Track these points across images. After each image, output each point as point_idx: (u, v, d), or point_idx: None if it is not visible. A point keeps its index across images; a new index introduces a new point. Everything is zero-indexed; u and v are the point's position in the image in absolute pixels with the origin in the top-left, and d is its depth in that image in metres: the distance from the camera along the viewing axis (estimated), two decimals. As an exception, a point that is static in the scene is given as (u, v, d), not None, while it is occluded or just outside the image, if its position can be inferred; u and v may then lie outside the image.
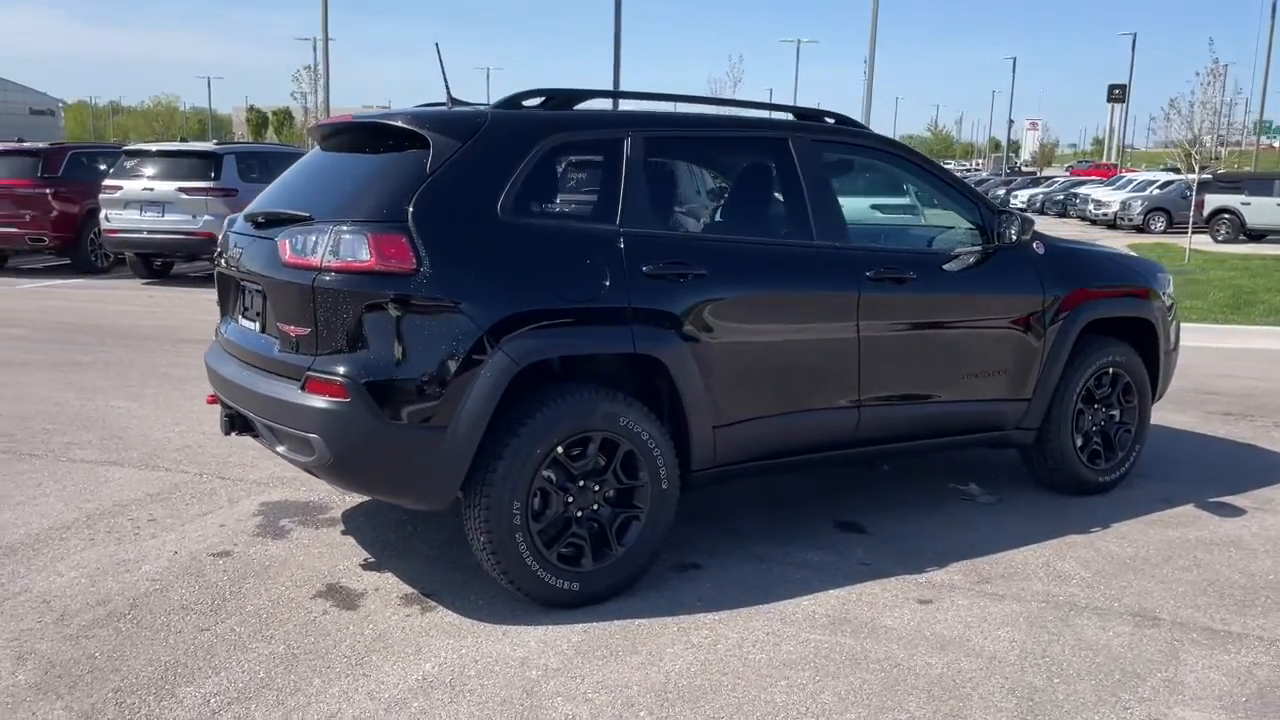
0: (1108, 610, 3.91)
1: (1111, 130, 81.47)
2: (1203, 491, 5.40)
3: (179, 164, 13.75)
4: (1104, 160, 77.47)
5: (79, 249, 14.63)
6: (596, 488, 3.84)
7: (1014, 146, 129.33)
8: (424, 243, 3.52)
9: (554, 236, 3.76)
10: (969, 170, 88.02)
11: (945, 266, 4.72)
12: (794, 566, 4.29)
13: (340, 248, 3.51)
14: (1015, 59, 70.61)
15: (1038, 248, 5.01)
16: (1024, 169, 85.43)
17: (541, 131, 3.85)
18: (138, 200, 13.52)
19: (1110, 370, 5.27)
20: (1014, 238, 4.76)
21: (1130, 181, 34.64)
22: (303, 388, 3.59)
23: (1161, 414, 7.01)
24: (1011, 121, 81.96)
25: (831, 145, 4.66)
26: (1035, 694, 3.28)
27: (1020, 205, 44.84)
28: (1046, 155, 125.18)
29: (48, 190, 14.39)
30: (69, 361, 8.46)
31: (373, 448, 3.55)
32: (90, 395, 7.19)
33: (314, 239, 3.57)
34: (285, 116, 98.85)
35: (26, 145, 15.32)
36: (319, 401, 3.54)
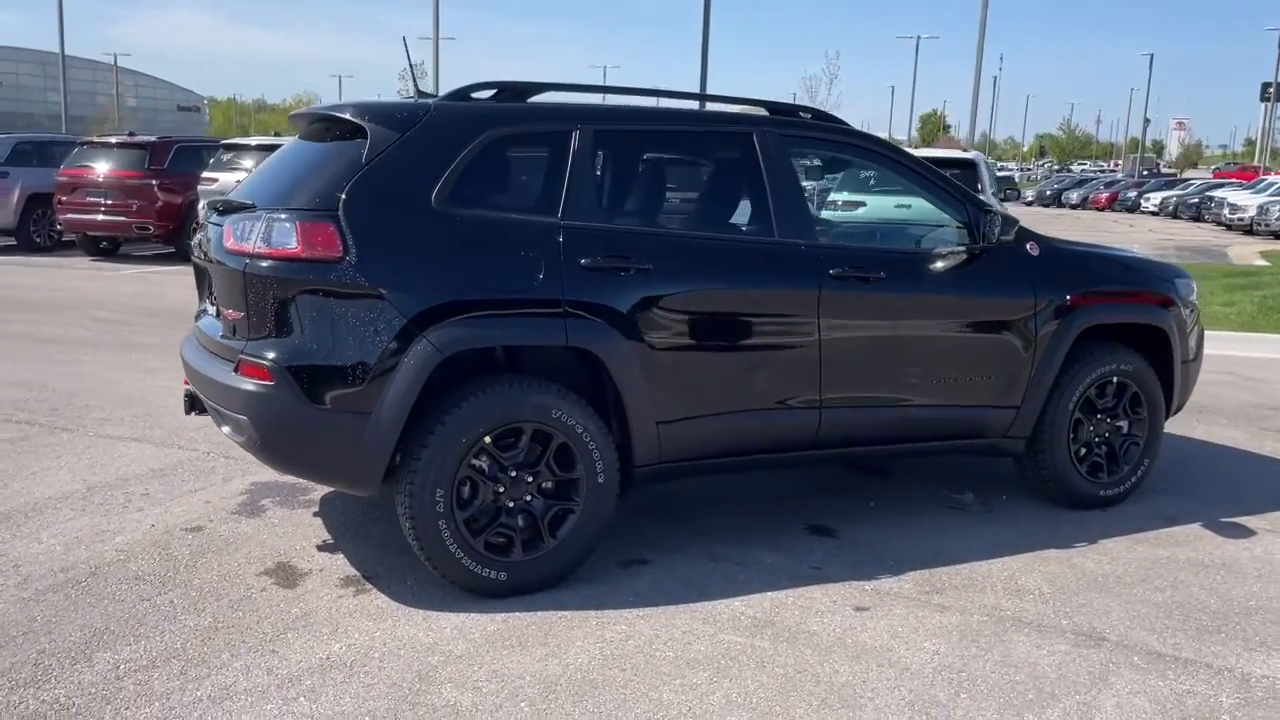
0: (1052, 628, 3.74)
1: (1264, 131, 77.27)
2: (1217, 511, 5.11)
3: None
4: (1255, 163, 73.57)
5: (181, 238, 15.34)
6: (530, 479, 3.85)
7: (1157, 147, 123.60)
8: (352, 231, 3.60)
9: (488, 228, 3.78)
10: (1103, 171, 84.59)
11: (925, 267, 4.58)
12: (744, 567, 4.23)
13: (272, 235, 3.61)
14: (1152, 55, 67.37)
15: (1031, 249, 4.81)
16: (1164, 170, 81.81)
17: (483, 124, 3.89)
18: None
19: (1115, 380, 5.03)
20: (994, 238, 4.58)
21: (1271, 185, 32.83)
22: (235, 370, 3.71)
23: (1211, 428, 6.68)
24: (1148, 120, 78.44)
25: (802, 141, 4.57)
26: (933, 709, 3.16)
27: (1152, 209, 42.96)
28: (1191, 156, 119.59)
29: (154, 181, 15.13)
30: (136, 343, 8.89)
31: (297, 431, 3.64)
32: (142, 375, 7.54)
33: (251, 226, 3.68)
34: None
35: (136, 138, 16.11)
36: (248, 384, 3.65)
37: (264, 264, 3.62)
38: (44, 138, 18.62)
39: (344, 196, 3.64)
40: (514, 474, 3.83)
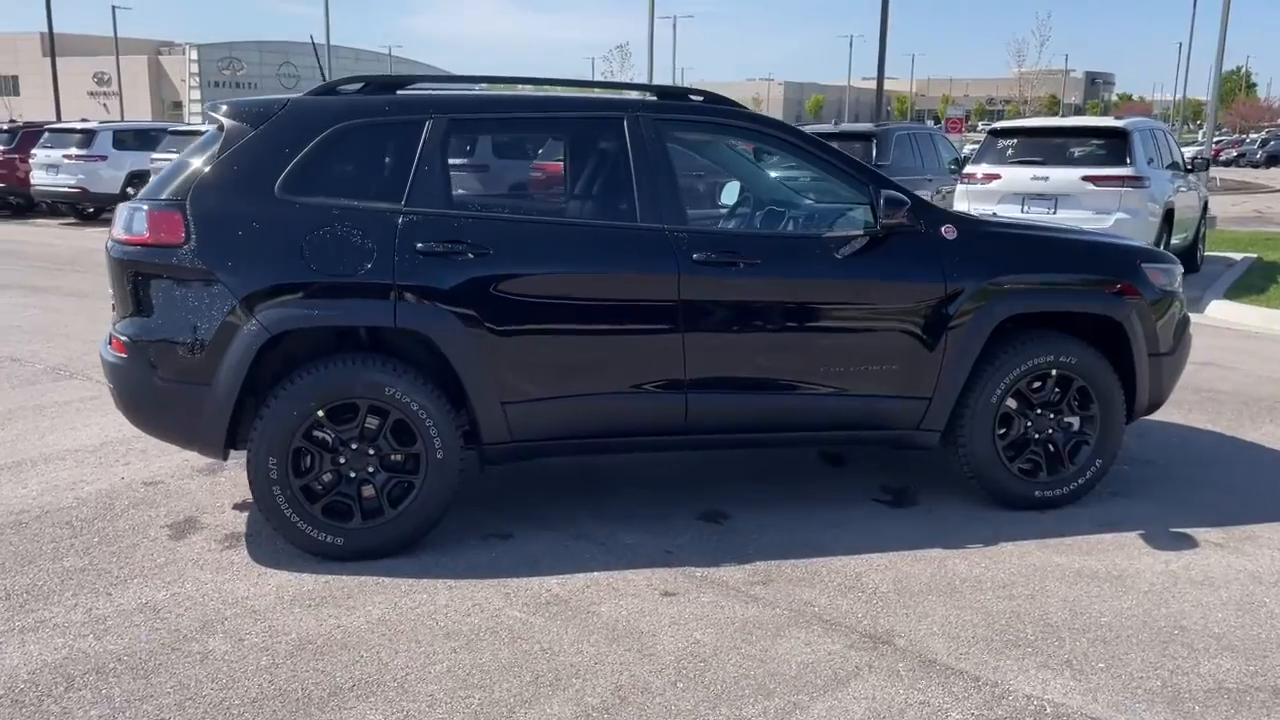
0: (843, 628, 3.61)
1: None
2: (1176, 519, 4.67)
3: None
4: None
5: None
6: (371, 452, 4.11)
7: None
8: (196, 219, 3.96)
9: (327, 214, 4.04)
10: None
11: (814, 251, 4.45)
12: (599, 546, 4.31)
13: (131, 223, 4.04)
14: None
15: (947, 232, 4.55)
16: None
17: (332, 117, 4.15)
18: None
19: (1054, 372, 4.67)
20: (879, 222, 4.37)
21: None
22: (108, 343, 4.17)
23: (1234, 425, 6.03)
24: None
25: (684, 125, 4.54)
26: (639, 694, 3.18)
27: None
28: None
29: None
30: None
31: (149, 399, 4.07)
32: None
33: (123, 215, 4.12)
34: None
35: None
36: (111, 356, 4.10)
37: (123, 249, 4.05)
38: (141, 126, 22.22)
39: (194, 187, 4.01)
40: (354, 447, 4.08)
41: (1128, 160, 10.77)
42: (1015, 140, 11.45)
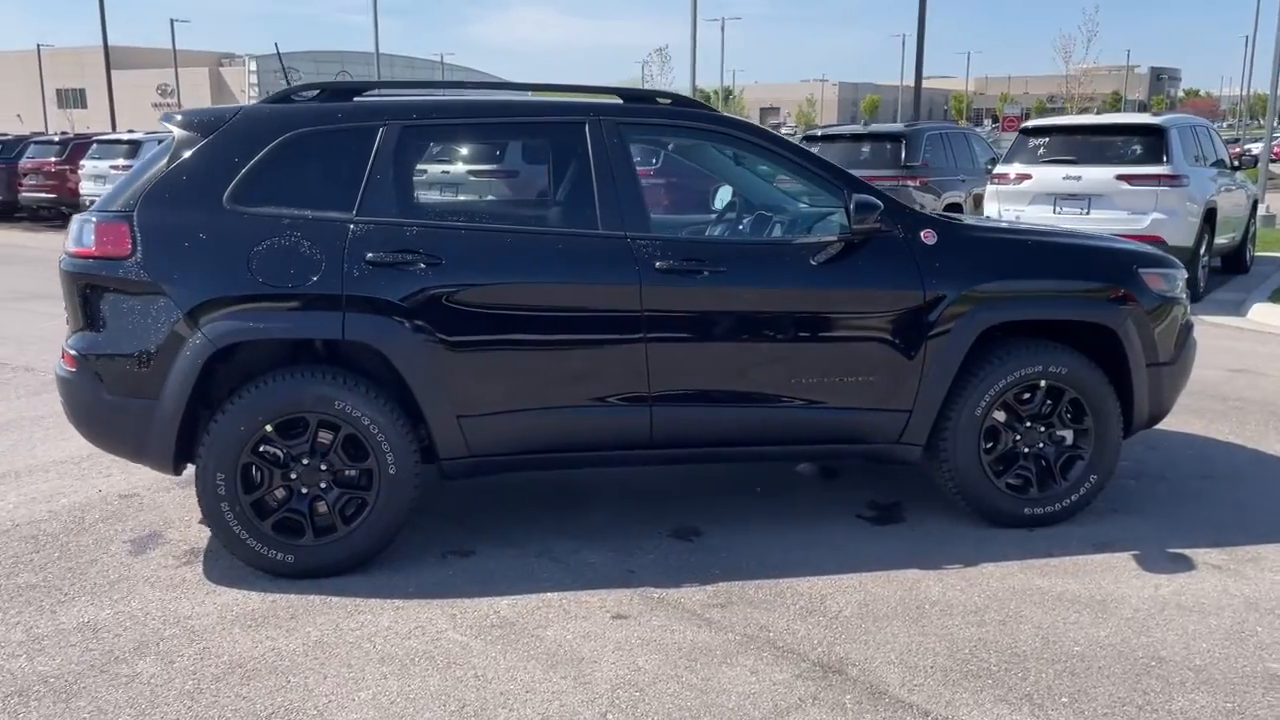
0: (796, 655, 3.43)
1: None
2: (1176, 540, 4.41)
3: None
4: None
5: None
6: (323, 468, 4.01)
7: None
8: (143, 231, 3.89)
9: (277, 224, 3.95)
10: None
11: (785, 258, 4.27)
12: (560, 565, 4.17)
13: (81, 235, 3.98)
14: None
15: (926, 236, 4.35)
16: None
17: (283, 126, 4.06)
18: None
19: (1043, 383, 4.44)
20: (850, 227, 4.18)
21: None
22: (62, 358, 4.12)
23: (1258, 437, 5.73)
24: None
25: (649, 129, 4.39)
26: (561, 728, 3.03)
27: None
28: None
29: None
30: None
31: (98, 413, 4.00)
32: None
33: (74, 227, 4.07)
34: (725, 95, 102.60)
35: None
36: (62, 371, 4.05)
37: (72, 261, 3.99)
38: None
39: (142, 199, 3.94)
40: (305, 462, 3.99)
41: (1165, 158, 10.38)
42: (1047, 139, 11.11)
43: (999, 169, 11.39)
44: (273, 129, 4.05)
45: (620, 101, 4.42)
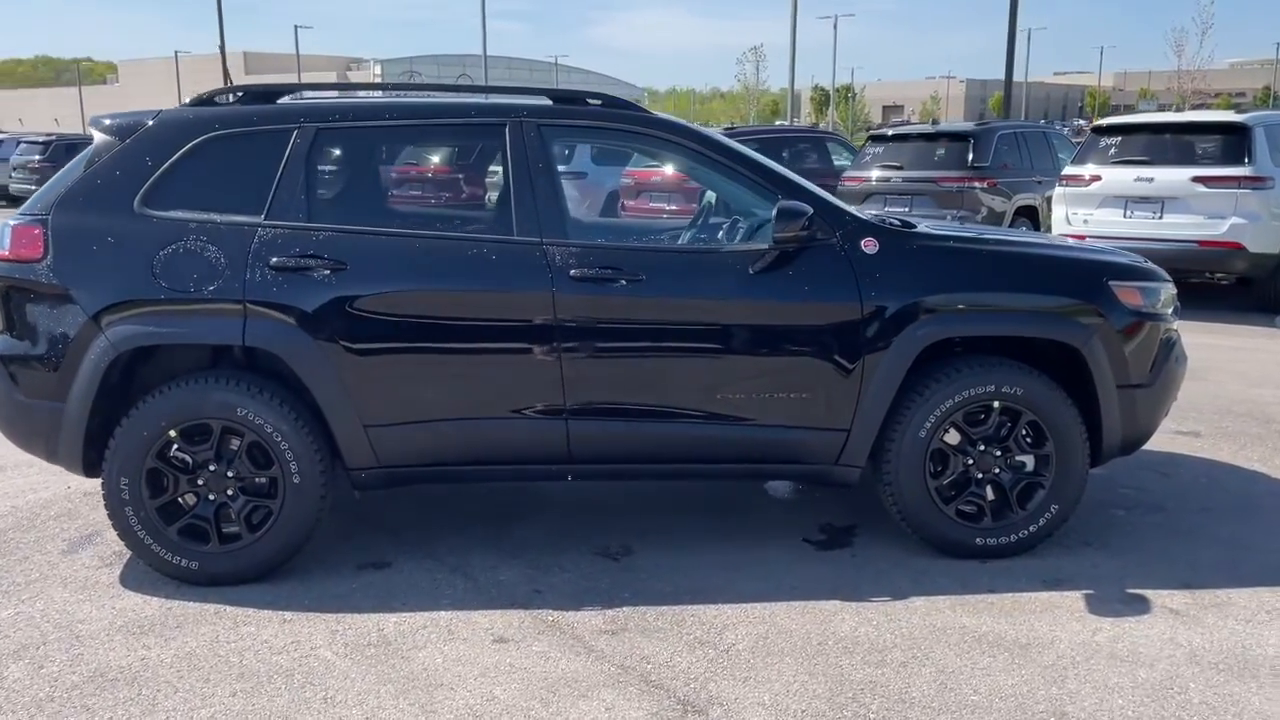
0: (666, 692, 3.23)
1: None
2: (1144, 578, 4.04)
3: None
4: None
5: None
6: (229, 475, 3.97)
7: None
8: (55, 234, 3.91)
9: (184, 229, 3.92)
10: None
11: (711, 267, 4.06)
12: (468, 582, 4.05)
13: (1, 239, 4.03)
14: None
15: (867, 245, 4.07)
16: None
17: (194, 130, 4.02)
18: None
19: (997, 404, 4.11)
20: (772, 234, 3.93)
21: None
22: None
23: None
24: None
25: (571, 130, 4.23)
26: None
27: None
28: None
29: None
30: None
31: (12, 414, 4.04)
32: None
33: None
34: (846, 93, 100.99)
35: None
36: None
37: (-7, 264, 4.04)
38: None
39: (58, 202, 3.96)
40: (212, 469, 3.95)
41: (1247, 158, 9.66)
42: (1119, 138, 10.47)
43: (1068, 170, 10.80)
44: (187, 132, 4.02)
45: (549, 103, 4.26)
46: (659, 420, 4.07)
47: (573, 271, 3.94)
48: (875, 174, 12.38)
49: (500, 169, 4.08)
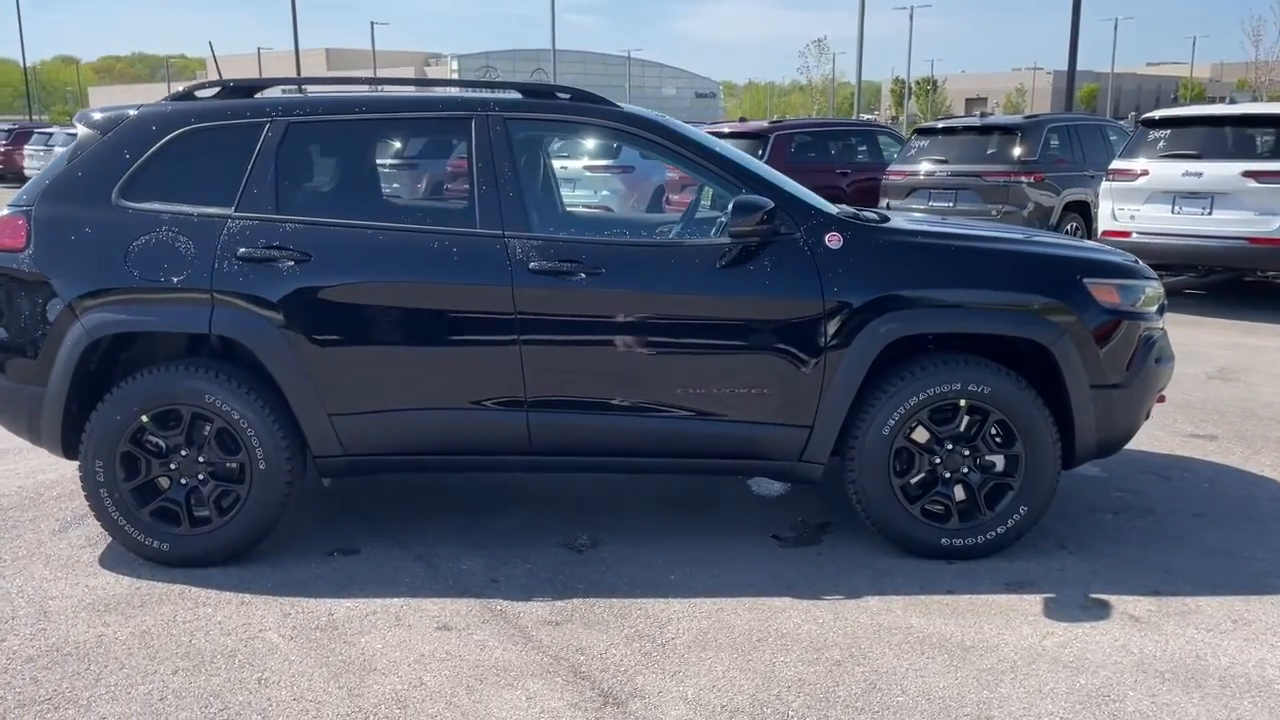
0: (591, 684, 3.25)
1: None
2: (1112, 584, 3.94)
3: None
4: None
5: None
6: (200, 460, 4.08)
7: None
8: (38, 225, 4.07)
9: (156, 220, 4.03)
10: None
11: (671, 262, 4.05)
12: (429, 571, 4.10)
13: (-12, 229, 4.19)
14: None
15: (831, 240, 4.03)
16: None
17: (170, 124, 4.14)
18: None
19: (963, 402, 4.04)
20: (727, 231, 3.91)
21: None
22: None
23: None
24: None
25: (537, 124, 4.25)
26: (296, 740, 2.97)
27: None
28: None
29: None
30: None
31: (-1, 399, 4.21)
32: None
33: (-9, 222, 4.28)
34: (926, 86, 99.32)
35: None
36: None
37: (-17, 254, 4.20)
38: None
39: (41, 193, 4.11)
40: (183, 454, 4.07)
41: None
42: (1169, 131, 10.15)
43: (1116, 164, 10.51)
44: (165, 126, 4.14)
45: (518, 97, 4.29)
46: (619, 414, 4.08)
47: (532, 264, 3.97)
48: (920, 168, 12.19)
49: (464, 162, 4.12)
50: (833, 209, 4.22)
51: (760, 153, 13.22)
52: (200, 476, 4.09)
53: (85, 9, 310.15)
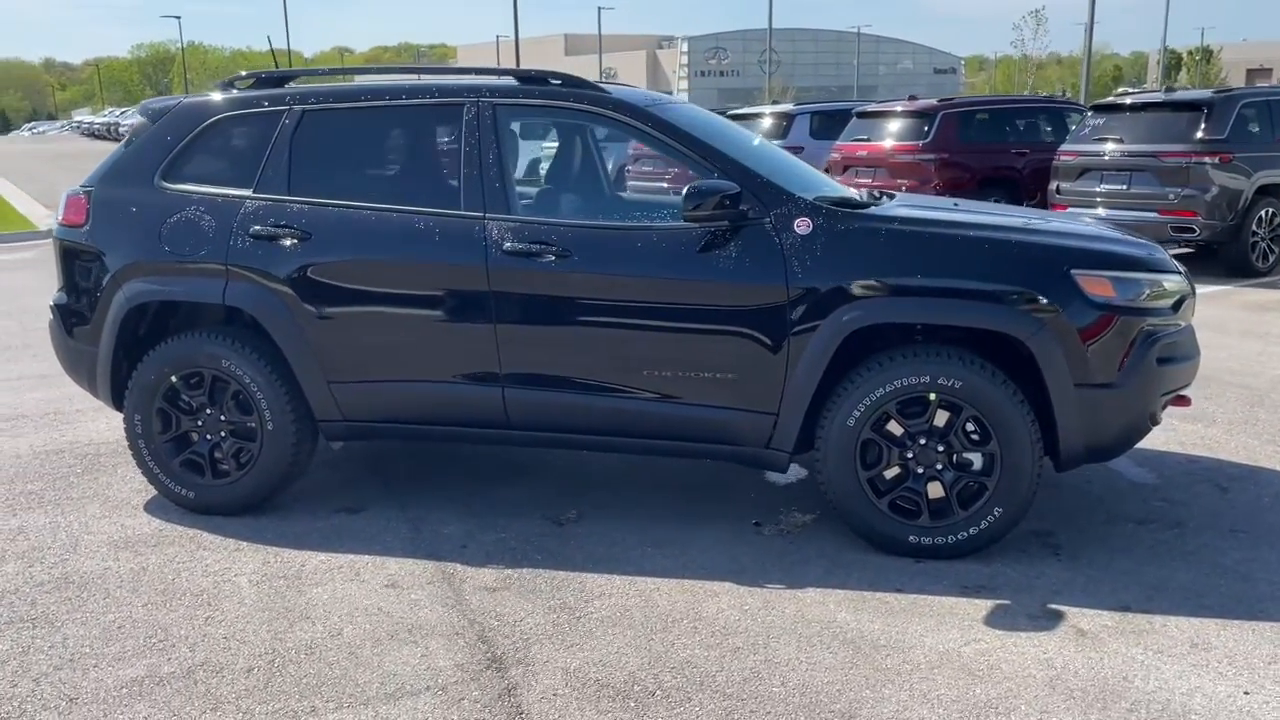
0: (486, 648, 3.40)
1: None
2: (1079, 594, 3.72)
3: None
4: None
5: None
6: (222, 418, 4.51)
7: None
8: (96, 204, 4.60)
9: (186, 200, 4.47)
10: None
11: (639, 245, 4.11)
12: (412, 532, 4.36)
13: (61, 207, 4.76)
14: None
15: (800, 226, 3.97)
16: None
17: (207, 113, 4.56)
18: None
19: (933, 396, 3.90)
20: (681, 215, 3.92)
21: None
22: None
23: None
24: None
25: (525, 110, 4.40)
26: (192, 672, 3.28)
27: None
28: None
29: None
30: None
31: (67, 358, 4.78)
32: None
33: (61, 199, 4.85)
34: (1204, 54, 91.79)
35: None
36: (49, 321, 4.86)
37: (56, 229, 4.78)
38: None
39: (101, 176, 4.65)
40: (209, 412, 4.51)
41: None
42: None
43: None
44: (201, 115, 4.57)
45: (513, 83, 4.44)
46: (589, 393, 4.18)
47: (506, 245, 4.13)
48: (1093, 148, 11.41)
49: (456, 146, 4.32)
50: (815, 194, 4.15)
51: (926, 132, 12.80)
52: (221, 433, 4.50)
53: (362, 3, 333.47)
